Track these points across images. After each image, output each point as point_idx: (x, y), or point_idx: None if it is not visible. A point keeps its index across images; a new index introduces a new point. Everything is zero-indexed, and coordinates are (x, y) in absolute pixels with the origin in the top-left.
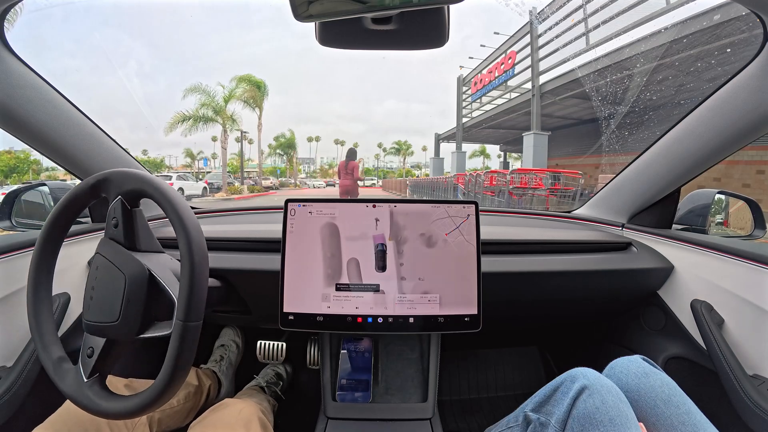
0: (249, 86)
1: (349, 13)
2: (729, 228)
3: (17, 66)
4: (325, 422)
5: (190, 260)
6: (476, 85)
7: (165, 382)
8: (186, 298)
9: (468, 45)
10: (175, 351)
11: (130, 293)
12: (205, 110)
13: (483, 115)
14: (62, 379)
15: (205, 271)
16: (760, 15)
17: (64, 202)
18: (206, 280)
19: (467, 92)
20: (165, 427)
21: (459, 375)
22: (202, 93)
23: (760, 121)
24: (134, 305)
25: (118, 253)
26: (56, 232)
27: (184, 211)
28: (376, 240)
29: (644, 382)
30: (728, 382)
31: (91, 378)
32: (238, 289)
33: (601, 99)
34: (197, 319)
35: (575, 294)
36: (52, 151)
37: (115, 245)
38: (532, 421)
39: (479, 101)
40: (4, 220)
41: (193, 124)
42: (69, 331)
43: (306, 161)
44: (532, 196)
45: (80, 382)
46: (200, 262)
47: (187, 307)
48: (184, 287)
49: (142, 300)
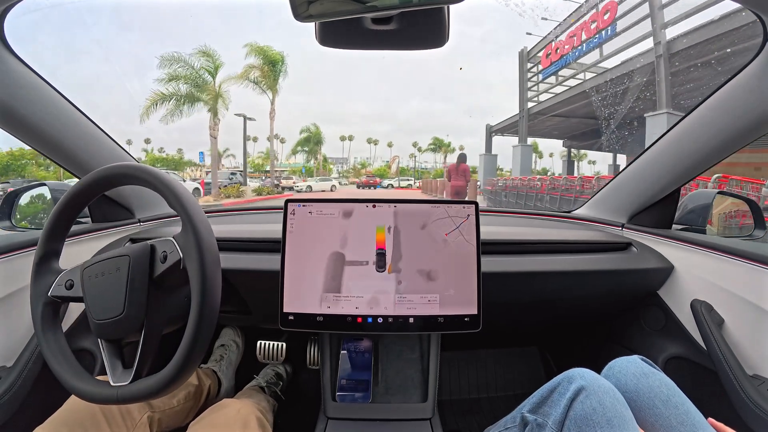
0: (261, 62)
1: (349, 13)
2: (712, 227)
3: (17, 66)
4: (325, 422)
5: (199, 247)
6: (550, 56)
7: (179, 365)
8: (200, 289)
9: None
10: (194, 330)
11: (134, 273)
12: (184, 87)
13: (552, 99)
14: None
15: (216, 255)
16: (760, 15)
17: (68, 196)
18: (218, 262)
19: (532, 69)
20: (165, 427)
21: (459, 375)
22: (181, 64)
23: (760, 121)
24: (138, 290)
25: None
26: (60, 228)
27: (190, 204)
28: (376, 241)
29: (643, 382)
30: (728, 382)
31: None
32: (238, 289)
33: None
34: (214, 308)
35: (575, 294)
36: (52, 150)
37: None
38: (529, 423)
39: (554, 78)
40: (3, 220)
41: (176, 106)
42: (69, 331)
43: (339, 161)
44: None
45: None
46: (209, 238)
47: (201, 298)
48: (195, 272)
49: (146, 282)
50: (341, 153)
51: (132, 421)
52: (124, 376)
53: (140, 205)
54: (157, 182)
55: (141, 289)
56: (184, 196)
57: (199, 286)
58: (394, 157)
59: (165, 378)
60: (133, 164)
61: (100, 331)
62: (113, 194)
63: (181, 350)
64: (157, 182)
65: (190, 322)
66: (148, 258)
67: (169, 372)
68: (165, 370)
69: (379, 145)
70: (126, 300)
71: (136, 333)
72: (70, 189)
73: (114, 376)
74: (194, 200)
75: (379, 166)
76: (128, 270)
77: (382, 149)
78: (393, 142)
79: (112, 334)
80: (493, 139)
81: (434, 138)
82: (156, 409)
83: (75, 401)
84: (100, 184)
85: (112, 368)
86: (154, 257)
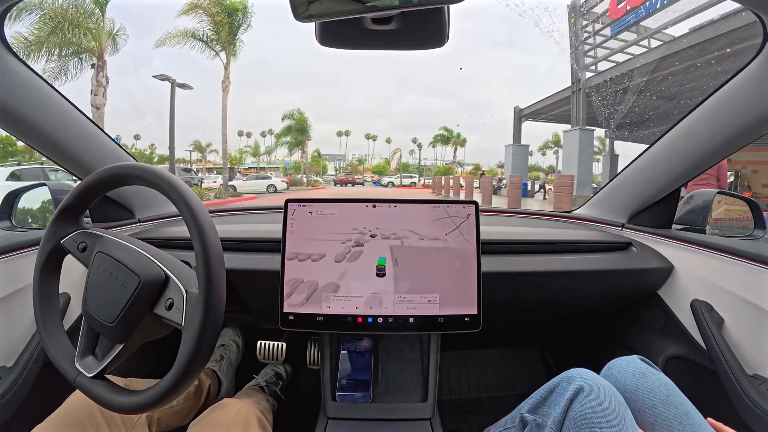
0: (214, 8)
1: (349, 13)
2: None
3: (17, 66)
4: (325, 422)
5: (205, 253)
6: (624, 2)
7: (178, 376)
8: (205, 288)
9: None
10: (194, 344)
11: (138, 297)
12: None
13: (614, 69)
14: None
15: (222, 263)
16: (760, 15)
17: (71, 196)
18: (223, 270)
19: (587, 27)
20: (164, 427)
21: (459, 375)
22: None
23: (759, 121)
24: (138, 308)
25: (132, 256)
26: (87, 196)
27: (194, 203)
28: (376, 241)
29: (642, 382)
30: (728, 382)
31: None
32: (238, 289)
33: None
34: (218, 314)
35: (575, 294)
36: (52, 150)
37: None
38: (528, 423)
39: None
40: (3, 220)
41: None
42: (69, 331)
43: (337, 158)
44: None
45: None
46: (215, 241)
47: (206, 298)
48: (202, 276)
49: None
50: (338, 149)
51: (131, 420)
52: (91, 365)
53: (140, 205)
54: (162, 183)
55: (138, 314)
56: (191, 200)
57: (205, 305)
58: (395, 150)
59: (164, 388)
60: (137, 164)
61: (87, 316)
62: (113, 194)
63: (181, 359)
64: (162, 183)
65: (192, 334)
66: (156, 292)
67: (169, 381)
68: (165, 379)
69: (377, 140)
70: (120, 315)
71: (118, 341)
72: (73, 189)
73: (81, 360)
74: (200, 203)
75: (378, 162)
76: (133, 292)
77: (380, 145)
78: (391, 138)
79: (97, 328)
80: (523, 125)
81: (442, 128)
82: None
83: (74, 401)
84: (104, 184)
85: (83, 351)
86: (161, 296)
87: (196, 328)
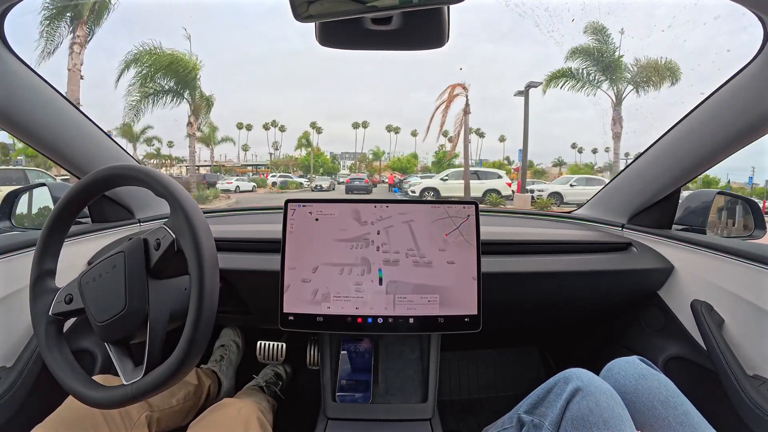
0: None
1: (349, 13)
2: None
3: (17, 66)
4: (325, 422)
5: (196, 240)
6: None
7: (178, 362)
8: (198, 287)
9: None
10: (194, 321)
11: (130, 266)
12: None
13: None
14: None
15: (215, 263)
16: (760, 15)
17: (67, 197)
18: (216, 258)
19: None
20: (164, 427)
21: (459, 375)
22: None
23: (759, 121)
24: (137, 276)
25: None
26: (61, 225)
27: (189, 205)
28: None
29: (641, 383)
30: (728, 383)
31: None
32: (238, 289)
33: None
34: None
35: (575, 294)
36: (52, 150)
37: None
38: (525, 423)
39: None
40: (3, 220)
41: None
42: (69, 331)
43: (353, 156)
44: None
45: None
46: (206, 230)
47: (199, 296)
48: (195, 271)
49: (143, 270)
50: (353, 147)
51: (130, 420)
52: (136, 373)
53: (140, 205)
54: (156, 184)
55: (140, 281)
56: (185, 201)
57: (196, 259)
58: (455, 87)
59: (172, 366)
60: (132, 165)
61: (105, 333)
62: (113, 194)
63: (184, 336)
64: (156, 184)
65: (191, 304)
66: (142, 249)
67: (175, 359)
68: (170, 358)
69: (401, 133)
70: (127, 294)
71: (141, 327)
72: (68, 191)
73: (126, 375)
74: (194, 203)
75: (402, 155)
76: (124, 265)
77: (404, 140)
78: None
79: (118, 333)
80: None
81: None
82: (155, 408)
83: (74, 401)
84: (99, 185)
85: (123, 368)
86: (149, 247)
87: (190, 238)
